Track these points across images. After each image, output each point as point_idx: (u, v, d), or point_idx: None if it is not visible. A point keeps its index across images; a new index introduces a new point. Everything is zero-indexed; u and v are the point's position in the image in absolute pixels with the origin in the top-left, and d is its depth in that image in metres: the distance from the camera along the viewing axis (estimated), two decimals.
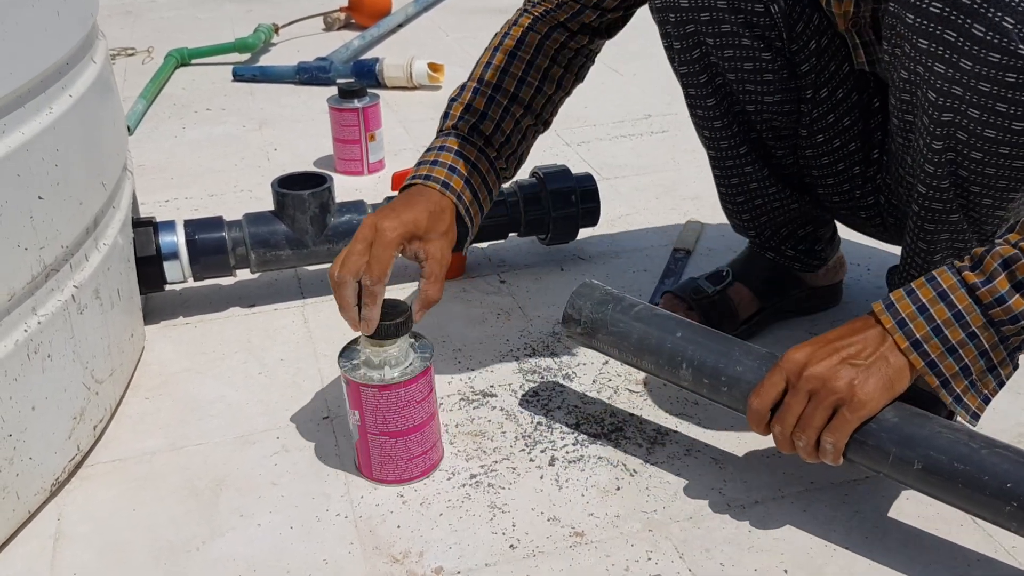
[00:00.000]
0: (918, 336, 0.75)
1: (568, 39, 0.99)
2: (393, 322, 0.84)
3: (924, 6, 0.74)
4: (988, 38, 0.71)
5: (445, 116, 0.99)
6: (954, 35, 0.73)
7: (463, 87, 1.00)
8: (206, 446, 0.96)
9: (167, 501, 0.89)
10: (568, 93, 1.03)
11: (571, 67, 1.01)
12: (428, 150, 0.96)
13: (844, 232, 1.16)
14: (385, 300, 0.85)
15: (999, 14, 0.70)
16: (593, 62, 1.03)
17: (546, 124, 1.03)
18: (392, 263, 0.85)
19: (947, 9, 0.73)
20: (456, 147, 0.95)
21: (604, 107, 1.87)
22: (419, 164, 0.94)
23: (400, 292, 1.22)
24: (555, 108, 1.02)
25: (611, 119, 1.81)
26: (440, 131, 0.98)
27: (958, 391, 0.76)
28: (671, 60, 1.01)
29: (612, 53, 2.25)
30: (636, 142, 1.70)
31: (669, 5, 0.95)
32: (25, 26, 0.82)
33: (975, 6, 0.71)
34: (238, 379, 1.07)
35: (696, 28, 0.95)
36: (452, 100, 0.99)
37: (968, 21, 0.72)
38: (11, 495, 0.83)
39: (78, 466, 0.93)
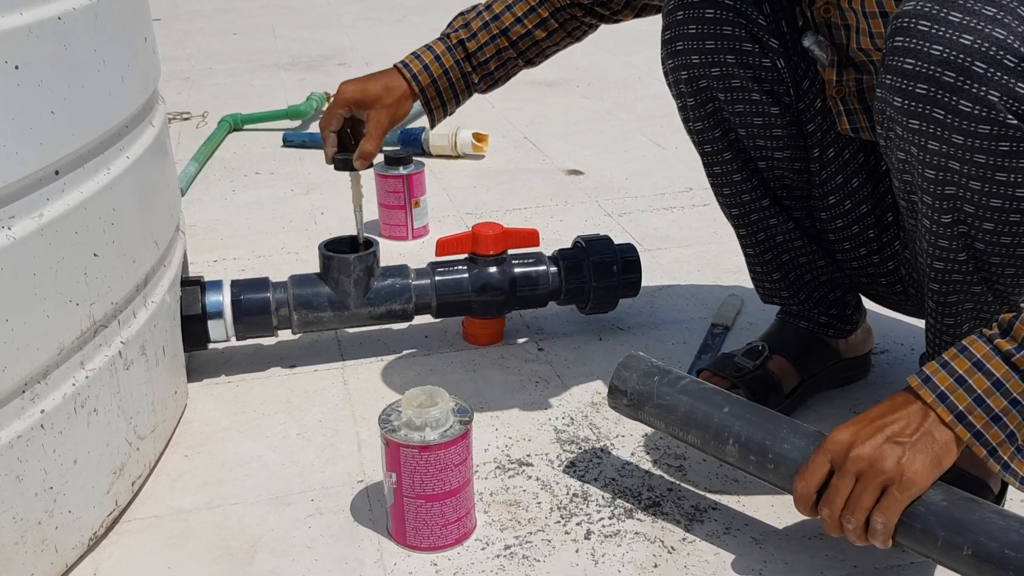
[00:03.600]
0: (961, 408, 0.74)
1: (575, 8, 1.12)
2: (342, 157, 1.12)
3: (910, 88, 0.76)
4: (976, 112, 0.73)
5: (450, 24, 1.15)
6: (942, 113, 0.75)
7: (475, 6, 1.15)
8: (241, 506, 0.97)
9: (202, 560, 0.89)
10: (559, 46, 1.16)
11: (566, 27, 1.14)
12: (422, 46, 1.14)
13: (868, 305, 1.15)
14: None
15: (984, 88, 0.72)
16: (594, 31, 1.16)
17: (529, 62, 1.16)
18: (339, 116, 1.11)
19: (932, 89, 0.74)
20: (439, 51, 1.13)
21: (646, 179, 1.88)
22: (410, 54, 1.13)
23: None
24: (542, 52, 1.16)
25: (653, 191, 1.82)
26: (442, 33, 1.15)
27: (1005, 458, 0.75)
28: (685, 120, 1.06)
29: (656, 126, 2.28)
30: (678, 214, 1.71)
31: (681, 64, 1.00)
32: (91, 90, 0.86)
33: (959, 83, 0.73)
34: (276, 439, 1.08)
35: (708, 83, 1.00)
36: (461, 13, 1.15)
37: (955, 98, 0.73)
38: (50, 548, 0.84)
39: (115, 521, 0.94)
